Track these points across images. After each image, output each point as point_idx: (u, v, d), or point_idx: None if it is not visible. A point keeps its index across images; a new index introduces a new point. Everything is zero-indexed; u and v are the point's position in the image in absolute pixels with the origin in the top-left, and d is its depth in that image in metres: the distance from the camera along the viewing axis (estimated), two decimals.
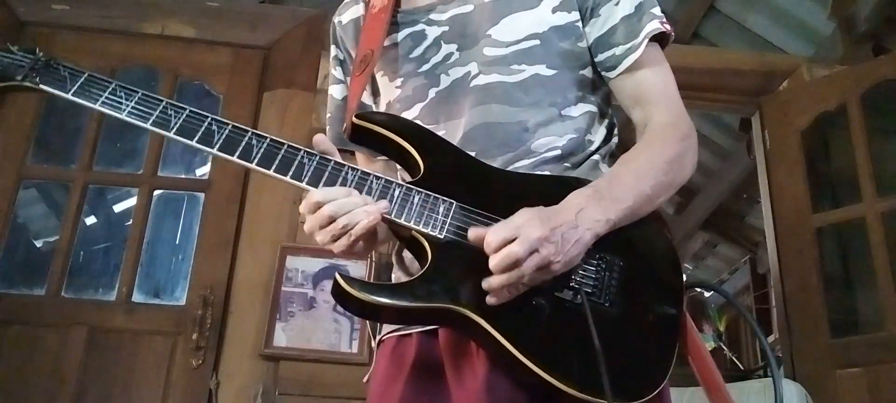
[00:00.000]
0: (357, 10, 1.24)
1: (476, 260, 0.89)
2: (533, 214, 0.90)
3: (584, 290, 0.93)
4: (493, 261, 0.88)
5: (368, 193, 0.95)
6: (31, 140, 3.01)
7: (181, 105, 0.98)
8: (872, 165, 3.01)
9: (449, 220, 0.95)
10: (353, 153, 1.21)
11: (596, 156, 1.09)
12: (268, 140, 0.98)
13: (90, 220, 3.85)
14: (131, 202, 3.34)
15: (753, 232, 6.24)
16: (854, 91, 3.12)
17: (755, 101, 3.35)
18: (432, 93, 1.11)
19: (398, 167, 1.09)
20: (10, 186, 2.92)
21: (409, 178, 1.00)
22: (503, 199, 0.95)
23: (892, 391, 2.71)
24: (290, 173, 0.96)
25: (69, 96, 0.98)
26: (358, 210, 0.92)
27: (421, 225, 0.94)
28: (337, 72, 1.27)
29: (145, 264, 2.99)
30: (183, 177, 3.39)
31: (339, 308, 2.76)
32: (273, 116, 3.05)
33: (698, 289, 1.07)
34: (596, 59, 1.12)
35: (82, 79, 1.00)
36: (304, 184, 0.96)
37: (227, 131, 0.99)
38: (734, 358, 5.68)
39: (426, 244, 0.94)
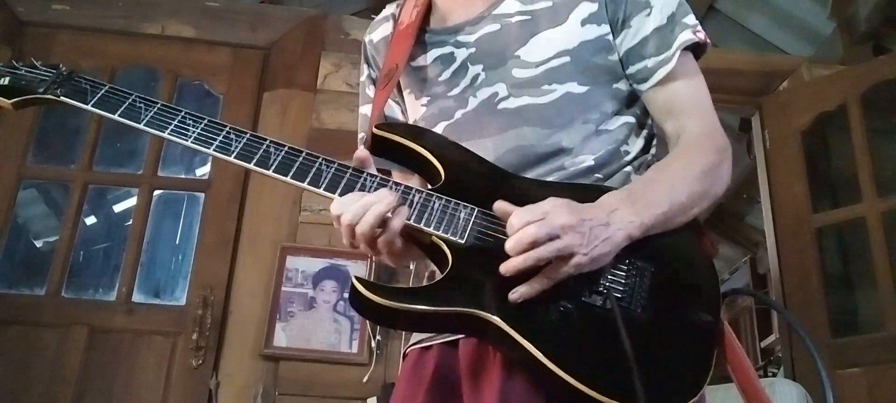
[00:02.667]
0: (386, 28, 1.24)
1: (498, 265, 0.87)
2: (562, 202, 0.88)
3: (614, 295, 0.89)
4: (510, 242, 0.85)
5: None
6: (31, 140, 3.01)
7: (198, 116, 1.01)
8: (872, 165, 3.01)
9: (470, 226, 0.92)
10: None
11: (628, 168, 1.06)
12: (286, 148, 0.98)
13: (90, 220, 3.84)
14: (131, 202, 3.34)
15: (753, 232, 6.23)
16: (854, 91, 3.12)
17: (755, 101, 3.35)
18: (458, 113, 1.09)
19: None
20: (10, 186, 2.92)
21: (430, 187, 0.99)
22: (528, 204, 0.91)
23: (892, 391, 2.71)
24: (307, 180, 0.96)
25: (89, 108, 1.01)
26: (371, 211, 0.91)
27: (440, 230, 0.92)
28: (369, 91, 1.24)
29: (145, 264, 2.99)
30: (183, 176, 3.39)
31: (339, 307, 2.78)
32: (273, 116, 3.05)
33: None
34: (627, 71, 1.08)
35: (102, 91, 1.02)
36: (321, 191, 0.96)
37: (245, 139, 1.00)
38: None
39: (447, 249, 0.92)
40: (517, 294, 0.87)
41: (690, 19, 1.08)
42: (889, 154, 3.19)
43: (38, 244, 4.22)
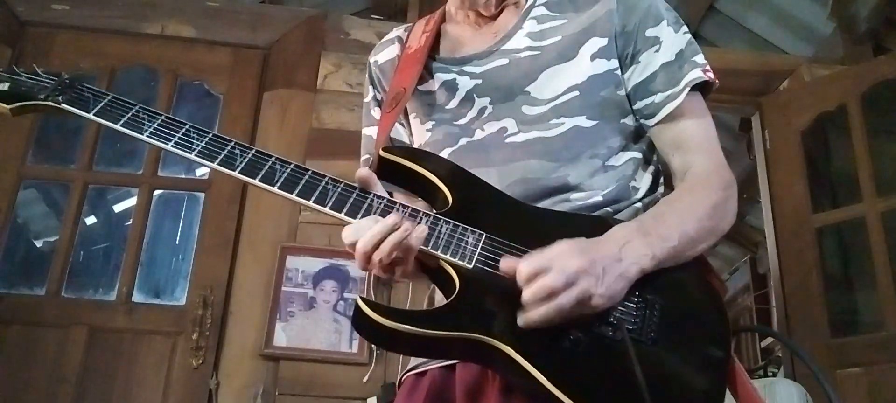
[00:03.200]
0: (393, 51, 1.23)
1: (508, 291, 0.86)
2: (570, 245, 0.86)
3: (626, 326, 0.88)
4: (528, 293, 0.84)
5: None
6: (31, 140, 3.01)
7: (203, 129, 0.99)
8: (872, 165, 3.01)
9: (478, 251, 0.91)
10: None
11: (639, 205, 1.05)
12: (292, 166, 0.98)
13: (90, 220, 3.84)
14: (131, 202, 3.34)
15: (753, 232, 6.23)
16: (854, 91, 3.12)
17: (755, 101, 3.35)
18: (464, 141, 1.09)
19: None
20: (10, 186, 2.92)
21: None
22: (536, 234, 0.91)
23: (892, 391, 2.71)
24: (314, 198, 0.96)
25: (91, 116, 0.98)
26: (390, 238, 0.90)
27: (448, 255, 0.91)
28: (375, 112, 1.24)
29: (145, 264, 2.99)
30: (183, 177, 3.38)
31: (339, 307, 2.78)
32: (273, 116, 3.05)
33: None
34: (635, 107, 1.08)
35: (105, 101, 1.00)
36: (328, 210, 0.96)
37: (249, 155, 0.98)
38: None
39: (454, 274, 0.90)
40: (524, 322, 0.86)
41: (700, 58, 1.08)
42: (889, 154, 3.19)
43: (38, 244, 4.22)
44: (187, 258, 3.00)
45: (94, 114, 0.98)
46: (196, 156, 0.98)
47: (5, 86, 1.00)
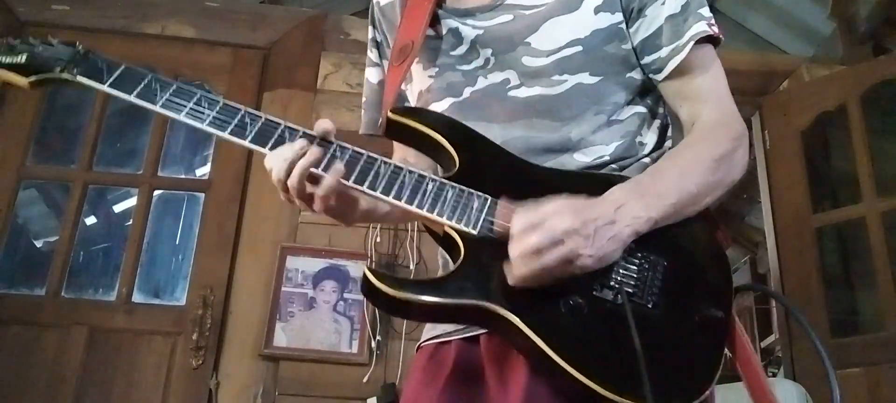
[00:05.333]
0: None
1: (509, 257, 0.86)
2: (565, 204, 0.86)
3: (625, 290, 0.88)
4: (514, 250, 0.85)
5: (400, 188, 0.92)
6: (31, 140, 3.01)
7: (214, 97, 0.97)
8: (872, 165, 3.01)
9: (483, 216, 0.91)
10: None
11: (646, 159, 1.05)
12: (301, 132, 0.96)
13: (90, 220, 3.84)
14: (131, 202, 3.34)
15: (753, 232, 6.24)
16: (854, 91, 3.12)
17: (755, 101, 3.35)
18: (467, 92, 1.08)
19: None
20: (10, 186, 2.92)
21: (445, 174, 0.97)
22: (542, 195, 0.90)
23: (892, 391, 2.71)
24: (322, 166, 0.93)
25: (106, 88, 0.98)
26: (298, 165, 0.90)
27: (453, 221, 0.90)
28: (373, 54, 1.25)
29: (145, 264, 2.99)
30: (183, 177, 3.39)
31: (339, 307, 2.78)
32: (273, 116, 3.04)
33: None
34: (643, 61, 1.07)
35: (119, 70, 0.99)
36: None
37: (259, 123, 0.96)
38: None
39: (459, 240, 0.90)
40: (512, 279, 0.86)
41: (705, 11, 1.06)
42: (889, 154, 3.19)
43: (38, 244, 4.22)
44: (187, 258, 3.00)
45: (109, 86, 0.98)
46: (208, 126, 0.95)
47: (22, 59, 0.98)
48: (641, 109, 1.07)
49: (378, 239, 2.86)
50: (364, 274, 0.87)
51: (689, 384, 0.86)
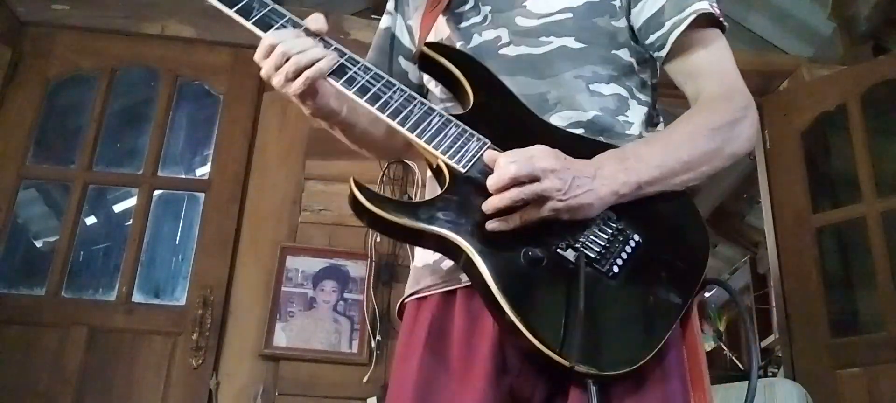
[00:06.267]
0: None
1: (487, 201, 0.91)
2: (549, 149, 0.91)
3: (587, 254, 0.91)
4: (491, 178, 0.89)
5: (407, 115, 0.96)
6: (31, 140, 3.01)
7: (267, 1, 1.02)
8: (872, 165, 3.01)
9: (477, 157, 0.95)
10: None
11: (634, 131, 1.07)
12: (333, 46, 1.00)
13: (90, 220, 3.84)
14: (131, 202, 3.34)
15: (753, 232, 6.24)
16: (854, 91, 3.12)
17: (755, 101, 3.34)
18: (460, 45, 1.13)
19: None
20: (10, 186, 2.92)
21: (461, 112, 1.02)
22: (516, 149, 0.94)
23: (892, 391, 2.71)
24: (342, 81, 0.98)
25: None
26: (313, 49, 0.96)
27: (446, 155, 0.95)
28: (390, 4, 1.31)
29: (145, 264, 2.99)
30: (183, 177, 3.38)
31: (339, 307, 2.78)
32: (273, 116, 3.05)
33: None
34: (646, 42, 1.10)
35: None
36: (351, 94, 0.99)
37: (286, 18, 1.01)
38: (734, 359, 5.68)
39: (447, 174, 0.95)
40: (492, 225, 0.90)
41: None
42: (889, 154, 3.19)
43: (38, 244, 4.21)
44: (187, 258, 3.00)
45: None
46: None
47: None
48: (622, 91, 1.08)
49: (378, 239, 2.86)
50: (350, 187, 0.93)
51: (615, 356, 0.88)
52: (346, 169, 2.87)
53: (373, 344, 2.72)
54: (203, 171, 3.31)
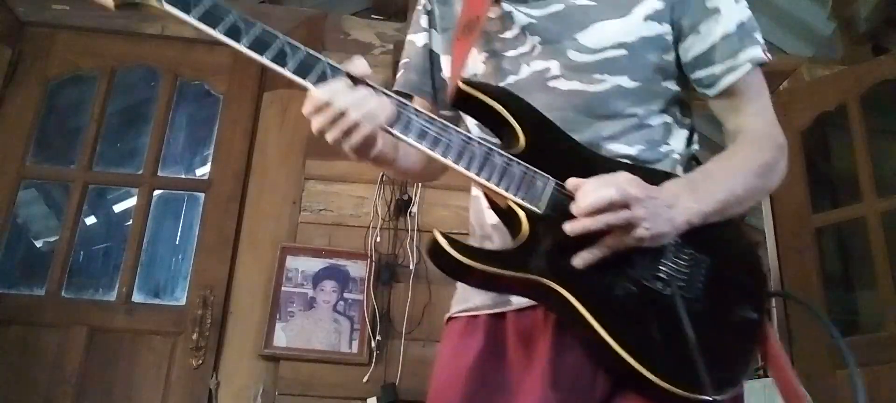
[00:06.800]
0: None
1: (568, 238, 0.92)
2: (634, 177, 0.93)
3: (677, 283, 0.94)
4: (583, 202, 0.90)
5: (470, 157, 0.95)
6: (31, 140, 3.01)
7: (296, 44, 0.99)
8: (872, 165, 3.01)
9: (548, 196, 0.96)
10: (411, 97, 1.22)
11: (676, 156, 1.09)
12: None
13: (90, 220, 3.84)
14: (131, 202, 3.34)
15: (753, 232, 6.23)
16: (854, 91, 3.12)
17: None
18: (511, 79, 1.11)
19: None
20: (10, 186, 2.92)
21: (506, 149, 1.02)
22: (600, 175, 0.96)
23: (893, 391, 2.71)
24: (397, 127, 0.95)
25: (191, 19, 0.95)
26: (369, 102, 0.93)
27: (519, 197, 0.95)
28: (422, 20, 1.28)
29: (145, 264, 2.99)
30: (183, 177, 3.39)
31: (339, 307, 2.78)
32: (273, 116, 3.05)
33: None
34: (693, 76, 1.11)
35: (206, 3, 0.96)
36: (411, 140, 0.96)
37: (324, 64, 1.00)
38: None
39: (523, 216, 0.95)
40: (580, 259, 0.92)
41: (759, 36, 1.11)
42: (889, 154, 3.19)
43: (38, 244, 4.22)
44: (187, 258, 3.00)
45: (196, 18, 0.96)
46: (269, 60, 0.99)
47: None
48: (668, 119, 1.11)
49: (378, 239, 2.86)
50: (433, 237, 0.92)
51: (726, 376, 0.93)
52: (346, 169, 2.87)
53: (373, 344, 2.72)
54: (203, 171, 3.32)
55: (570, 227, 0.91)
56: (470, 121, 1.18)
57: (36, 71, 3.06)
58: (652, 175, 0.99)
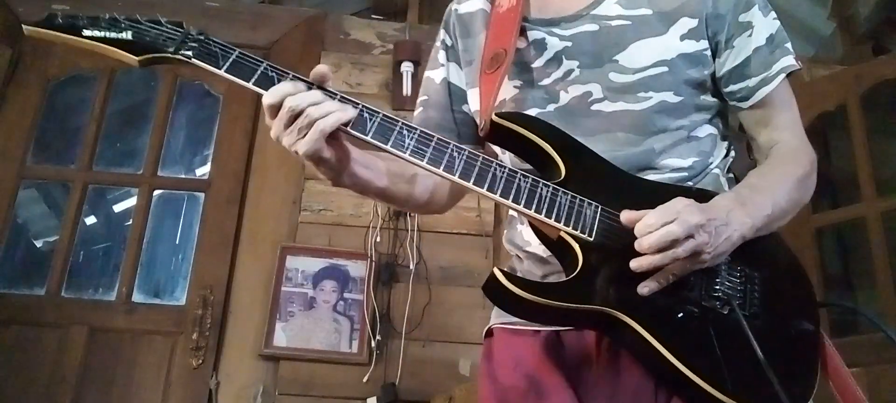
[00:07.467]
0: (476, 4, 1.23)
1: (623, 263, 0.91)
2: (691, 202, 0.92)
3: (736, 302, 0.94)
4: (650, 239, 0.88)
5: (517, 191, 0.95)
6: (31, 140, 3.01)
7: (332, 91, 0.99)
8: (872, 165, 3.01)
9: (597, 223, 0.95)
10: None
11: (716, 170, 1.10)
12: (418, 132, 0.96)
13: (90, 220, 3.84)
14: (131, 202, 3.34)
15: None
16: (854, 91, 3.12)
17: None
18: (551, 107, 1.10)
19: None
20: (10, 186, 2.92)
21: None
22: (645, 206, 0.94)
23: (892, 391, 2.71)
24: (442, 166, 0.94)
25: (222, 73, 0.94)
26: (326, 103, 0.93)
27: (570, 226, 0.94)
28: (440, 56, 1.26)
29: (145, 264, 2.99)
30: (183, 176, 3.39)
31: (339, 307, 2.78)
32: None
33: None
34: (726, 89, 1.12)
35: (234, 56, 0.96)
36: (456, 178, 0.95)
37: (380, 118, 0.97)
38: None
39: (576, 246, 0.94)
40: (646, 287, 0.91)
41: (789, 45, 1.12)
42: (889, 154, 3.19)
43: (38, 244, 4.22)
44: (187, 258, 3.00)
45: (225, 71, 0.95)
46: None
47: (129, 36, 0.95)
48: (713, 130, 1.12)
49: (378, 239, 2.86)
50: (493, 274, 0.90)
51: (798, 391, 0.93)
52: None
53: (373, 344, 2.72)
54: (203, 171, 3.32)
55: (636, 264, 0.90)
56: (505, 154, 1.15)
57: (36, 71, 3.06)
58: (700, 194, 0.99)
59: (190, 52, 0.94)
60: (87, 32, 0.96)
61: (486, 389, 1.09)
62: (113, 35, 0.95)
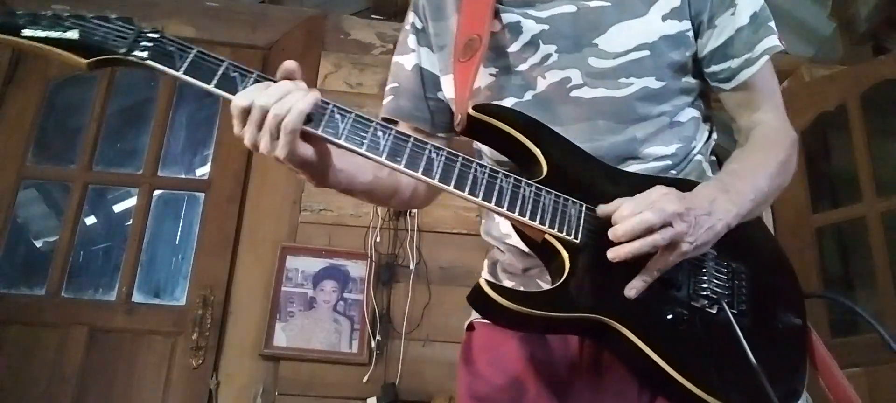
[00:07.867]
0: None
1: (609, 265, 0.87)
2: (670, 190, 0.89)
3: (724, 300, 0.92)
4: (625, 226, 0.85)
5: (499, 193, 0.90)
6: (31, 140, 3.01)
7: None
8: (872, 165, 3.01)
9: (582, 223, 0.91)
10: (396, 122, 1.14)
11: (699, 156, 1.08)
12: (393, 132, 0.90)
13: (90, 220, 3.84)
14: (131, 202, 3.34)
15: None
16: (854, 91, 3.12)
17: None
18: (528, 95, 1.06)
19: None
20: (10, 186, 2.92)
21: (527, 176, 0.96)
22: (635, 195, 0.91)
23: (892, 391, 2.71)
24: (421, 169, 0.88)
25: (180, 74, 0.88)
26: (293, 94, 0.85)
27: (555, 229, 0.90)
28: (411, 40, 1.20)
29: (145, 264, 2.99)
30: (183, 176, 3.39)
31: (339, 307, 2.78)
32: None
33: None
34: (708, 70, 1.09)
35: (192, 55, 0.89)
36: (436, 182, 0.89)
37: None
38: None
39: (562, 248, 0.90)
40: (632, 289, 0.88)
41: (772, 23, 1.09)
42: (889, 154, 3.19)
43: (38, 244, 4.22)
44: (187, 258, 3.00)
45: (184, 73, 0.88)
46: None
47: (74, 35, 0.84)
48: (696, 113, 1.09)
49: (378, 239, 2.86)
50: (478, 286, 0.86)
51: (789, 389, 0.91)
52: None
53: (373, 344, 2.72)
54: (203, 171, 3.32)
55: (612, 254, 0.86)
56: (483, 147, 1.12)
57: (36, 71, 3.06)
58: (680, 183, 0.96)
59: (144, 53, 0.86)
60: (26, 32, 0.83)
61: (464, 386, 1.06)
62: (56, 35, 0.83)
